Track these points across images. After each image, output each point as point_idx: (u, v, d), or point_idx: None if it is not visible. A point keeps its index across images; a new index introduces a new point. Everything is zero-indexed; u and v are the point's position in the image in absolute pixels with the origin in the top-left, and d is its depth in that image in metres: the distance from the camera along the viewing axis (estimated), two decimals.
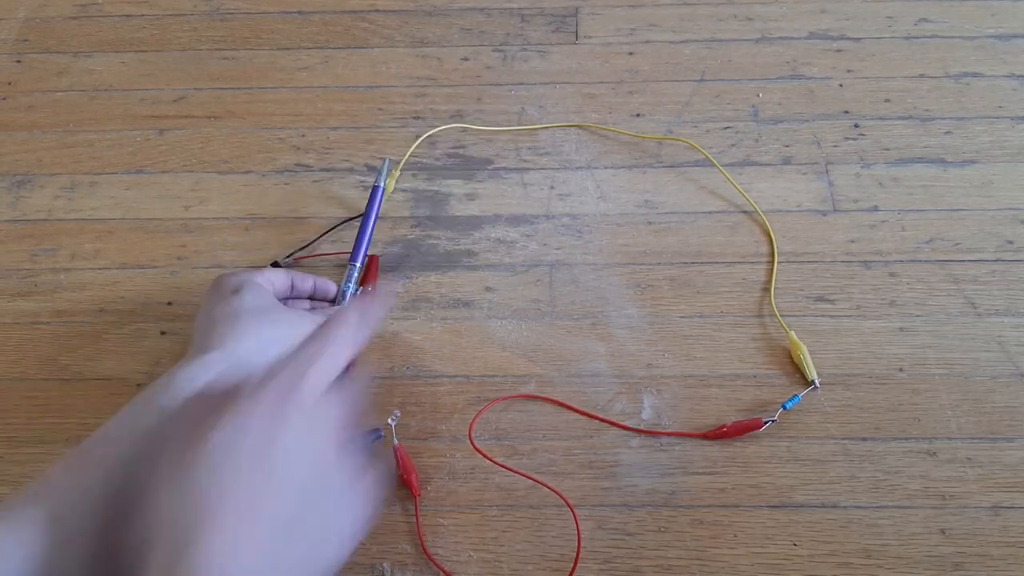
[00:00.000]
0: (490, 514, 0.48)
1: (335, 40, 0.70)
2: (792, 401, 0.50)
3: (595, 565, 0.47)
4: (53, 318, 0.56)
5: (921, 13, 0.69)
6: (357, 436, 0.42)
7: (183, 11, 0.72)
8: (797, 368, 0.52)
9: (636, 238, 0.58)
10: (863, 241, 0.57)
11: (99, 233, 0.60)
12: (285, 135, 0.65)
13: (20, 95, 0.68)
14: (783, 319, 0.54)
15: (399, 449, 0.49)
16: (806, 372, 0.51)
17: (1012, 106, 0.63)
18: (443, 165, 0.62)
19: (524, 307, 0.56)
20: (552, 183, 0.61)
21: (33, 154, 0.64)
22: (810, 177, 0.60)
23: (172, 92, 0.67)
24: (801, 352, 0.52)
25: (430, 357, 0.54)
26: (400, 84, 0.67)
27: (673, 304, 0.55)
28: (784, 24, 0.69)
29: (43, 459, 0.51)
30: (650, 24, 0.69)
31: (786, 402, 0.50)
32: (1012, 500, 0.47)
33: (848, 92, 0.65)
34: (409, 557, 0.47)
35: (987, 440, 0.49)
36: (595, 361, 0.53)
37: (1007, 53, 0.66)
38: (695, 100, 0.65)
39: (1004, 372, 0.52)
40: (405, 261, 0.58)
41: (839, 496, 0.48)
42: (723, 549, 0.47)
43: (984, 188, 0.59)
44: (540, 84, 0.66)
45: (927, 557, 0.46)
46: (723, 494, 0.48)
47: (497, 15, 0.71)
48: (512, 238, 0.59)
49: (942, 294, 0.55)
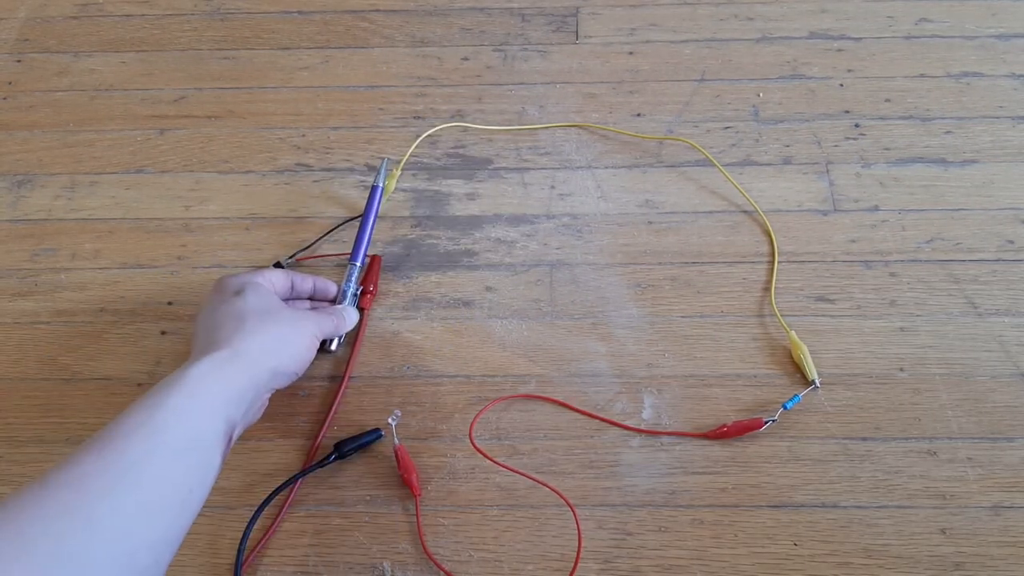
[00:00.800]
0: (490, 514, 0.48)
1: (335, 40, 0.70)
2: (792, 401, 0.50)
3: (595, 565, 0.46)
4: (53, 318, 0.56)
5: (922, 13, 0.69)
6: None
7: (183, 11, 0.72)
8: (798, 368, 0.52)
9: (636, 238, 0.58)
10: (864, 241, 0.57)
11: (99, 233, 0.60)
12: (285, 135, 0.64)
13: (20, 95, 0.68)
14: (784, 319, 0.54)
15: (399, 449, 0.49)
16: (806, 372, 0.51)
17: (1012, 106, 0.63)
18: (443, 165, 0.62)
19: (524, 307, 0.56)
20: (552, 183, 0.61)
21: (33, 154, 0.64)
22: (811, 177, 0.60)
23: (172, 92, 0.67)
24: (802, 352, 0.52)
25: (430, 357, 0.54)
26: (400, 84, 0.67)
27: (674, 304, 0.55)
28: (785, 24, 0.69)
29: (43, 459, 0.51)
30: (650, 24, 0.69)
31: (786, 402, 0.50)
32: (1012, 500, 0.47)
33: (849, 92, 0.64)
34: (410, 557, 0.47)
35: (987, 440, 0.49)
36: (595, 361, 0.53)
37: (1007, 53, 0.66)
38: (695, 100, 0.65)
39: (1005, 372, 0.52)
40: (405, 261, 0.58)
41: (840, 496, 0.48)
42: (724, 549, 0.47)
43: (985, 188, 0.59)
44: (540, 84, 0.66)
45: (927, 557, 0.46)
46: (724, 494, 0.48)
47: (497, 15, 0.71)
48: (512, 238, 0.59)
49: (943, 294, 0.55)
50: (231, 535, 0.48)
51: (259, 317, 0.44)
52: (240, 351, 0.42)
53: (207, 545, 0.48)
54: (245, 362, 0.42)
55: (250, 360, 0.42)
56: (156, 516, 0.35)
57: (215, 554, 0.47)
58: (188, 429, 0.38)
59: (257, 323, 0.44)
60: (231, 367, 0.41)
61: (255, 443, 0.51)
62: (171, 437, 0.37)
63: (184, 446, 0.37)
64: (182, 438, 0.37)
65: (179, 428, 0.38)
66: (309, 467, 0.49)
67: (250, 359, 0.42)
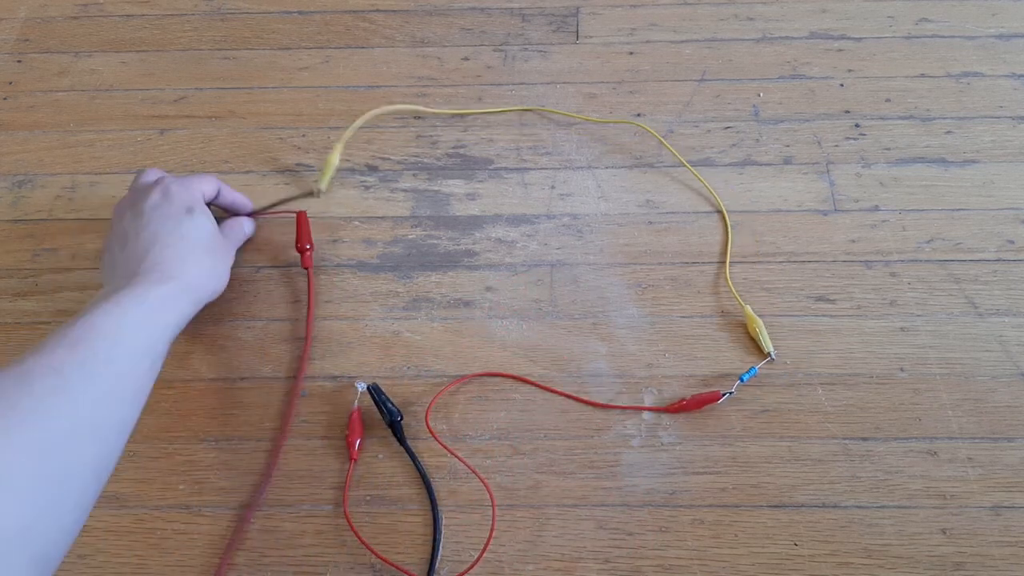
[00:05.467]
0: (491, 513, 0.48)
1: (336, 40, 0.70)
2: (749, 374, 0.51)
3: (595, 565, 0.47)
4: (54, 318, 0.56)
5: (922, 13, 0.69)
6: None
7: (184, 11, 0.73)
8: (755, 342, 0.53)
9: (637, 238, 0.58)
10: (864, 241, 0.57)
11: (100, 233, 0.60)
12: (286, 135, 0.65)
13: (21, 95, 0.68)
14: (783, 318, 0.54)
15: (355, 412, 0.51)
16: (762, 345, 0.52)
17: (1013, 106, 0.63)
18: (443, 165, 0.62)
19: (525, 307, 0.56)
20: (553, 183, 0.61)
21: (34, 154, 0.64)
22: (811, 177, 0.60)
23: (173, 92, 0.67)
24: (757, 326, 0.53)
25: (430, 357, 0.54)
26: (401, 84, 0.67)
27: (674, 304, 0.55)
28: (785, 24, 0.69)
29: None
30: (651, 24, 0.69)
31: (743, 374, 0.51)
32: (1013, 500, 0.47)
33: (849, 92, 0.64)
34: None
35: (988, 440, 0.49)
36: (596, 361, 0.53)
37: (1008, 53, 0.66)
38: (696, 100, 0.65)
39: (1005, 372, 0.52)
40: (405, 261, 0.58)
41: (840, 496, 0.48)
42: (724, 549, 0.47)
43: (985, 188, 0.59)
44: (541, 84, 0.66)
45: (928, 557, 0.46)
46: (724, 494, 0.48)
47: (498, 15, 0.71)
48: (513, 238, 0.59)
49: (943, 294, 0.55)
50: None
51: (205, 250, 0.51)
52: (192, 285, 0.49)
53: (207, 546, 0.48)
54: (194, 293, 0.49)
55: (197, 290, 0.50)
56: (121, 403, 0.42)
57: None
58: (146, 339, 0.45)
59: (203, 255, 0.51)
60: (184, 297, 0.48)
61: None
62: (132, 344, 0.44)
63: (142, 353, 0.44)
64: (141, 346, 0.44)
65: (138, 338, 0.44)
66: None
67: (197, 289, 0.50)
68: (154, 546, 0.48)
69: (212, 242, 0.52)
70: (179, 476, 0.50)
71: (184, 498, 0.49)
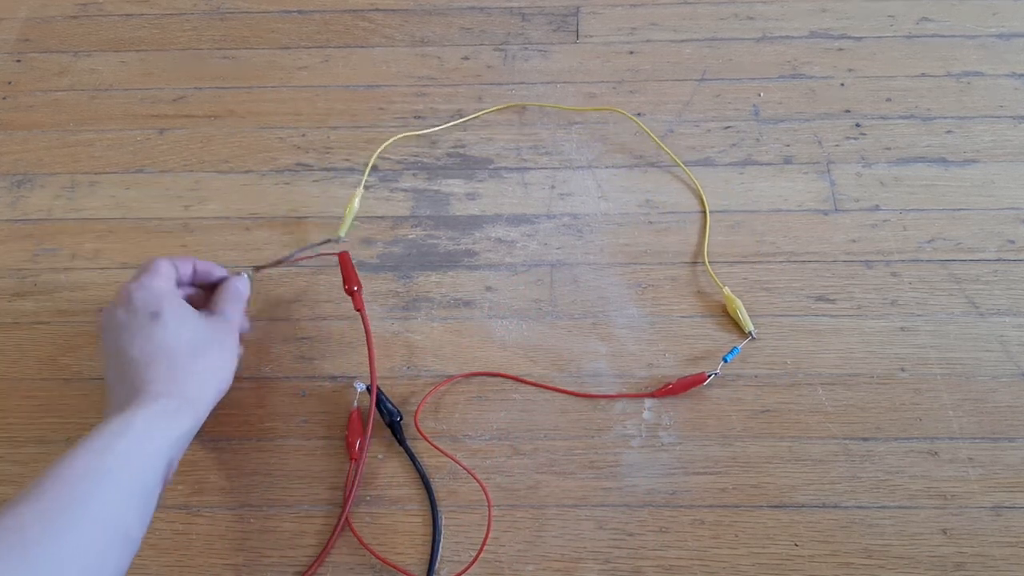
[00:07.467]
0: (490, 513, 0.48)
1: (335, 39, 0.70)
2: (732, 354, 0.52)
3: (596, 565, 0.46)
4: (53, 318, 0.56)
5: (922, 12, 0.68)
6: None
7: (183, 10, 0.72)
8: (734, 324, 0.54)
9: (637, 237, 0.58)
10: (864, 241, 0.57)
11: (99, 233, 0.60)
12: (285, 134, 0.64)
13: (20, 95, 0.68)
14: (783, 318, 0.54)
15: (354, 412, 0.50)
16: (742, 325, 0.53)
17: (1013, 105, 0.63)
18: (443, 165, 0.62)
19: (525, 307, 0.56)
20: (553, 183, 0.61)
21: (33, 154, 0.64)
22: (811, 176, 0.60)
23: (172, 91, 0.67)
24: (736, 306, 0.53)
25: (430, 357, 0.54)
26: (401, 83, 0.67)
27: (674, 303, 0.55)
28: (785, 23, 0.69)
29: (43, 459, 0.51)
30: (651, 23, 0.69)
31: (726, 355, 0.52)
32: (1014, 500, 0.47)
33: (849, 91, 0.64)
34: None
35: (989, 440, 0.49)
36: (596, 361, 0.53)
37: (1008, 52, 0.66)
38: (696, 99, 0.65)
39: (1006, 372, 0.52)
40: (405, 261, 0.58)
41: (840, 496, 0.48)
42: (724, 549, 0.47)
43: (985, 187, 0.59)
44: (541, 83, 0.66)
45: (929, 557, 0.46)
46: (724, 494, 0.48)
47: (497, 14, 0.71)
48: (513, 238, 0.59)
49: (944, 294, 0.55)
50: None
51: (189, 353, 0.44)
52: (187, 399, 0.43)
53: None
54: (191, 408, 0.43)
55: (193, 403, 0.43)
56: (96, 556, 0.37)
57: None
58: (134, 473, 0.39)
59: (189, 360, 0.44)
60: (179, 415, 0.42)
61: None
62: (117, 481, 0.38)
63: (128, 491, 0.39)
64: (127, 482, 0.39)
65: (125, 473, 0.39)
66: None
67: (194, 403, 0.43)
68: (153, 546, 0.48)
69: (194, 340, 0.45)
70: (178, 476, 0.50)
71: (183, 498, 0.49)
